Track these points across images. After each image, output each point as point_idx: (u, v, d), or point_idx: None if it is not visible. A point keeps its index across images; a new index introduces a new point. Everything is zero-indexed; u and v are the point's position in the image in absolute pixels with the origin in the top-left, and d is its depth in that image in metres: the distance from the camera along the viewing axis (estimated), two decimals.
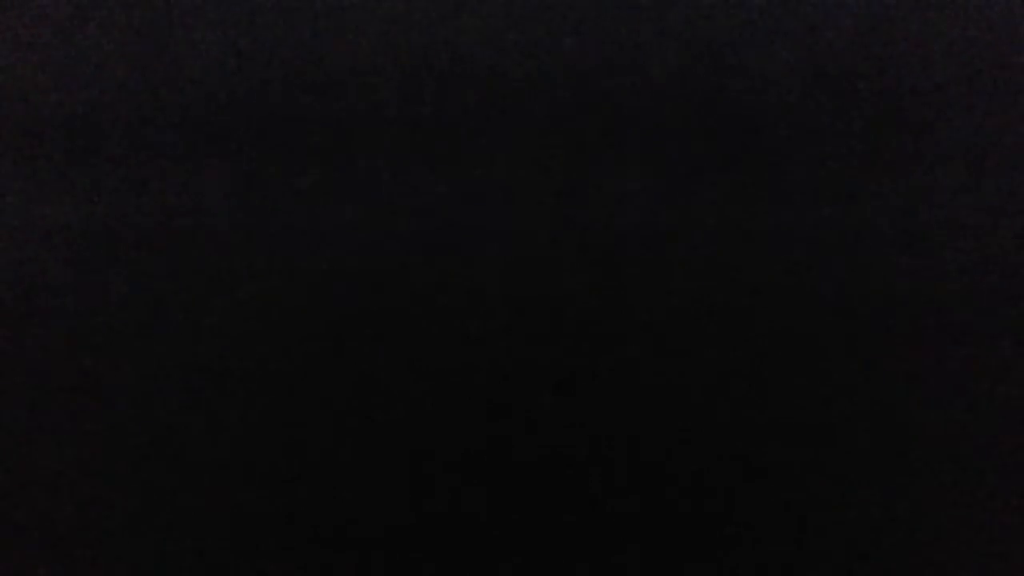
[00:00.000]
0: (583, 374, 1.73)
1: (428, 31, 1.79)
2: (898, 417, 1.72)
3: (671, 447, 1.72)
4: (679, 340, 1.73)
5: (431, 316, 1.74)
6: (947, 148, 1.77)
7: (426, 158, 1.77)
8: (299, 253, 1.76)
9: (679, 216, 1.76)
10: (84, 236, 1.77)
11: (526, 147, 1.77)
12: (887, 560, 1.70)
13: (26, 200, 1.78)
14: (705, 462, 1.71)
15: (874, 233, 1.75)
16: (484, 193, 1.77)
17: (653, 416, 1.72)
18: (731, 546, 1.70)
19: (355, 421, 1.73)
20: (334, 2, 1.80)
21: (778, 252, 1.75)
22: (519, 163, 1.77)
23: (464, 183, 1.77)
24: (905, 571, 1.70)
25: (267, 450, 1.72)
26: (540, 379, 1.73)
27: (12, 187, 1.78)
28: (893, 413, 1.72)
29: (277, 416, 1.73)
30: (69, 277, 1.76)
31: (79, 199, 1.77)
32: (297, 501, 1.72)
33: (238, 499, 1.72)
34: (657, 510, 1.71)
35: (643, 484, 1.71)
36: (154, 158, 1.78)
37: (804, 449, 1.71)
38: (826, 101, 1.77)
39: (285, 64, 1.79)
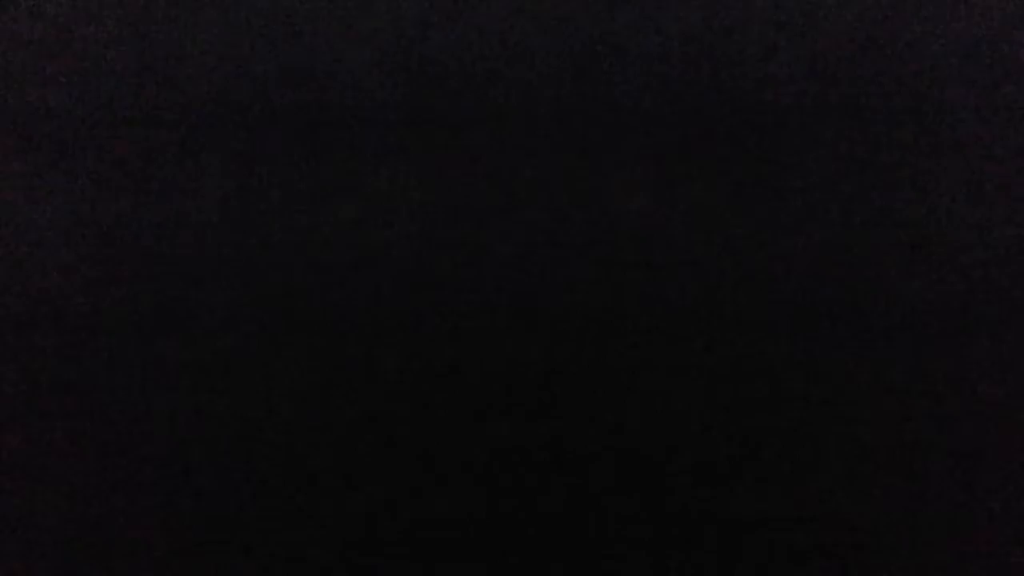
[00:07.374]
0: (582, 373, 1.73)
1: (427, 31, 1.80)
2: (898, 417, 1.72)
3: (671, 446, 1.72)
4: (679, 339, 1.73)
5: (431, 315, 1.75)
6: (948, 147, 1.77)
7: (426, 158, 1.78)
8: (299, 253, 1.76)
9: (679, 215, 1.76)
10: (84, 236, 1.77)
11: (526, 146, 1.77)
12: (886, 559, 1.70)
13: (26, 200, 1.78)
14: (705, 462, 1.71)
15: (874, 232, 1.75)
16: (484, 192, 1.77)
17: (653, 415, 1.72)
18: (731, 546, 1.71)
19: (355, 420, 1.73)
20: (333, 2, 1.81)
21: (779, 251, 1.75)
22: (519, 163, 1.77)
23: (464, 182, 1.77)
24: (905, 571, 1.70)
25: (267, 450, 1.73)
26: (539, 378, 1.73)
27: (12, 187, 1.78)
28: (893, 413, 1.72)
29: (277, 416, 1.73)
30: (69, 277, 1.76)
31: (79, 199, 1.78)
32: (297, 501, 1.72)
33: (238, 499, 1.72)
34: (657, 510, 1.71)
35: (643, 484, 1.71)
36: (154, 158, 1.78)
37: (803, 449, 1.72)
38: (827, 100, 1.78)
39: (284, 63, 1.79)
